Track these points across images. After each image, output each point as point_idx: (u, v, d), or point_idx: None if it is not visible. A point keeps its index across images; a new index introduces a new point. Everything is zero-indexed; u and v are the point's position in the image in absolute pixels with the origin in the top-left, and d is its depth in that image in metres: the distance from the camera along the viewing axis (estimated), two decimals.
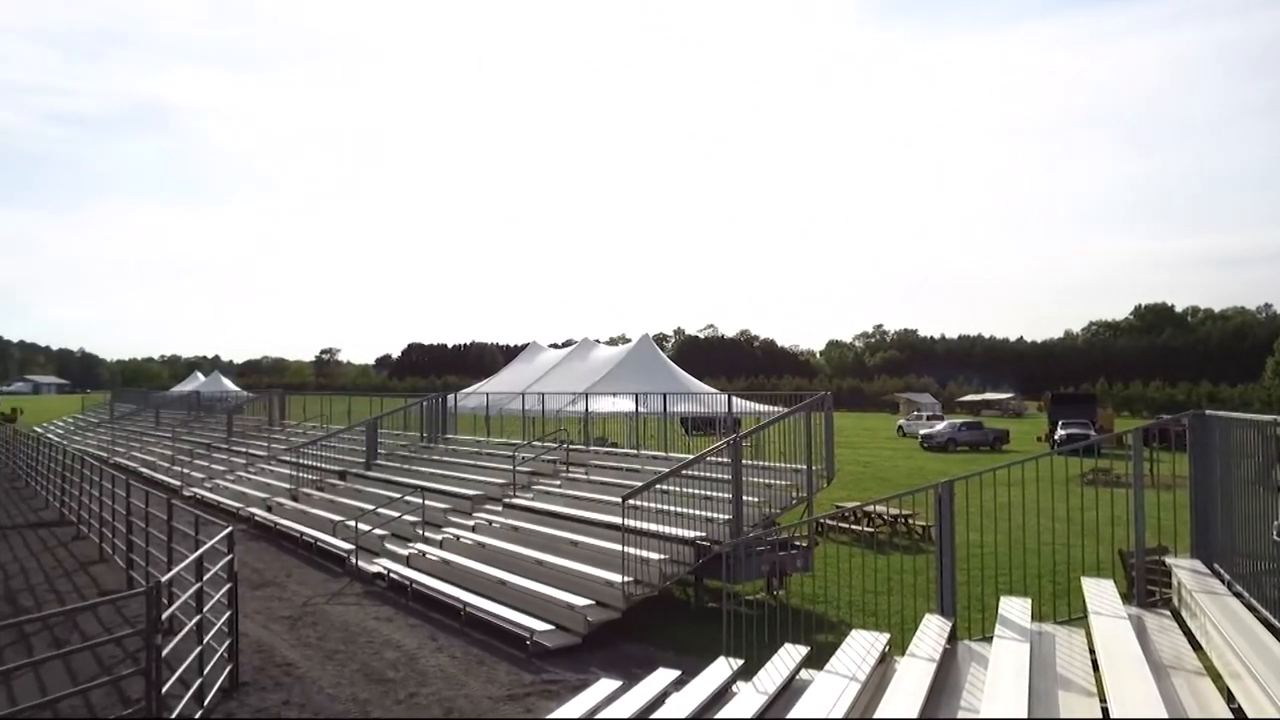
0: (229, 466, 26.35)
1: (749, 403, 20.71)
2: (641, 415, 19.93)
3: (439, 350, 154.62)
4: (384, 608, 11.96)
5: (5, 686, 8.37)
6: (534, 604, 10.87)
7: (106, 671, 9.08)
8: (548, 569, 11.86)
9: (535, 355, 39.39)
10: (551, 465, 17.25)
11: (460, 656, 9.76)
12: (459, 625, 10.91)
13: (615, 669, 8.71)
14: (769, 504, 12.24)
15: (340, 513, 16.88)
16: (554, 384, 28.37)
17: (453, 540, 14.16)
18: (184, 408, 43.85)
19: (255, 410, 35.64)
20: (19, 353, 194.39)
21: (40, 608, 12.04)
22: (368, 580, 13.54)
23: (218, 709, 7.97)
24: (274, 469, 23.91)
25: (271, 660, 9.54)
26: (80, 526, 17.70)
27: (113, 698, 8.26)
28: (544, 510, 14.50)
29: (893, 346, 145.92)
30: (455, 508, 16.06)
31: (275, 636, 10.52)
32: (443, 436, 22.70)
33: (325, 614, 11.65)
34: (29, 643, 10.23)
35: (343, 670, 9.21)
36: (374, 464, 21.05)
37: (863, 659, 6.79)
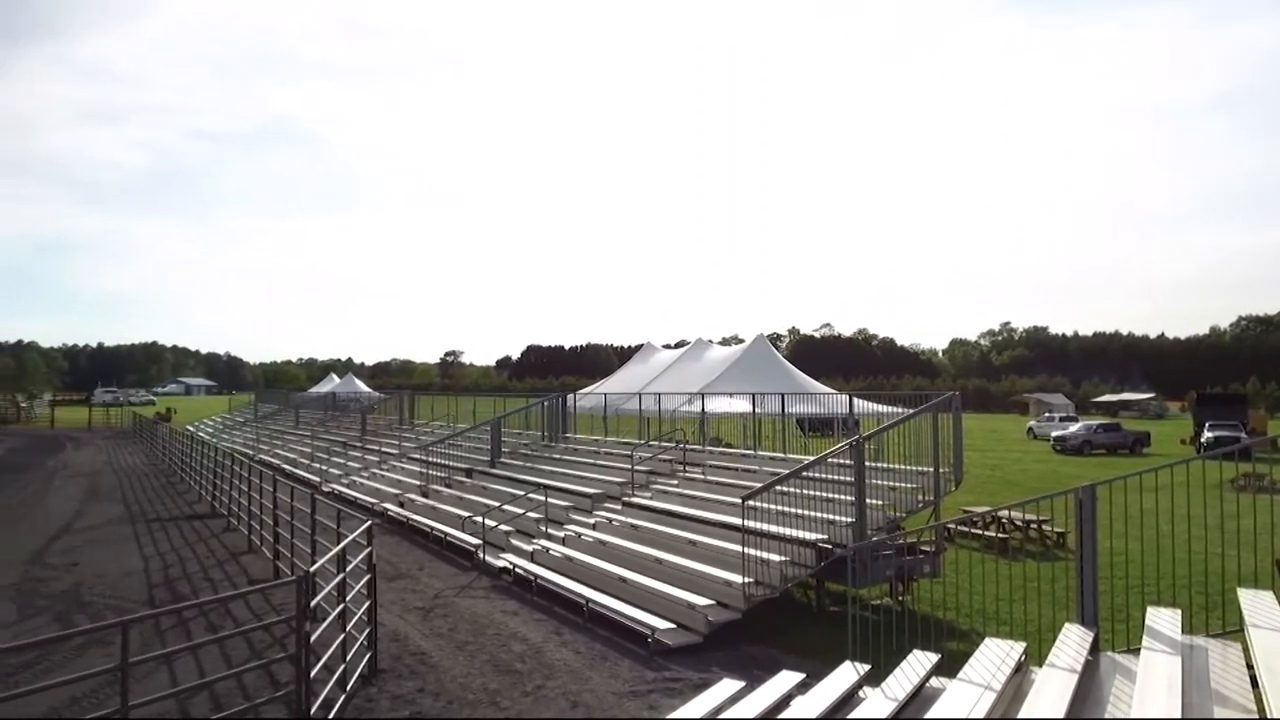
0: (363, 464, 27.66)
1: (869, 403, 20.28)
2: (757, 415, 19.80)
3: (556, 352, 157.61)
4: (510, 601, 12.32)
5: (168, 667, 9.04)
6: (654, 602, 10.97)
7: (257, 655, 9.71)
8: (667, 568, 11.95)
9: (650, 356, 39.67)
10: (669, 465, 17.36)
11: (584, 651, 9.94)
12: (582, 620, 11.12)
13: (737, 669, 8.70)
14: (893, 507, 11.96)
15: (468, 509, 17.47)
16: (669, 384, 28.51)
17: (574, 537, 14.45)
18: (321, 408, 46.22)
19: (386, 410, 37.26)
20: (172, 356, 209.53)
21: (196, 595, 12.96)
22: (494, 574, 13.98)
23: (358, 694, 8.39)
24: (405, 466, 24.94)
25: (407, 649, 9.98)
26: (230, 519, 18.95)
27: (263, 680, 8.79)
28: (662, 509, 14.60)
29: (1021, 344, 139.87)
30: (576, 505, 16.37)
31: (410, 626, 10.99)
32: (562, 436, 23.16)
33: (455, 606, 12.10)
34: (188, 627, 11.03)
35: (473, 661, 9.54)
36: (498, 462, 21.68)
37: (997, 668, 6.55)
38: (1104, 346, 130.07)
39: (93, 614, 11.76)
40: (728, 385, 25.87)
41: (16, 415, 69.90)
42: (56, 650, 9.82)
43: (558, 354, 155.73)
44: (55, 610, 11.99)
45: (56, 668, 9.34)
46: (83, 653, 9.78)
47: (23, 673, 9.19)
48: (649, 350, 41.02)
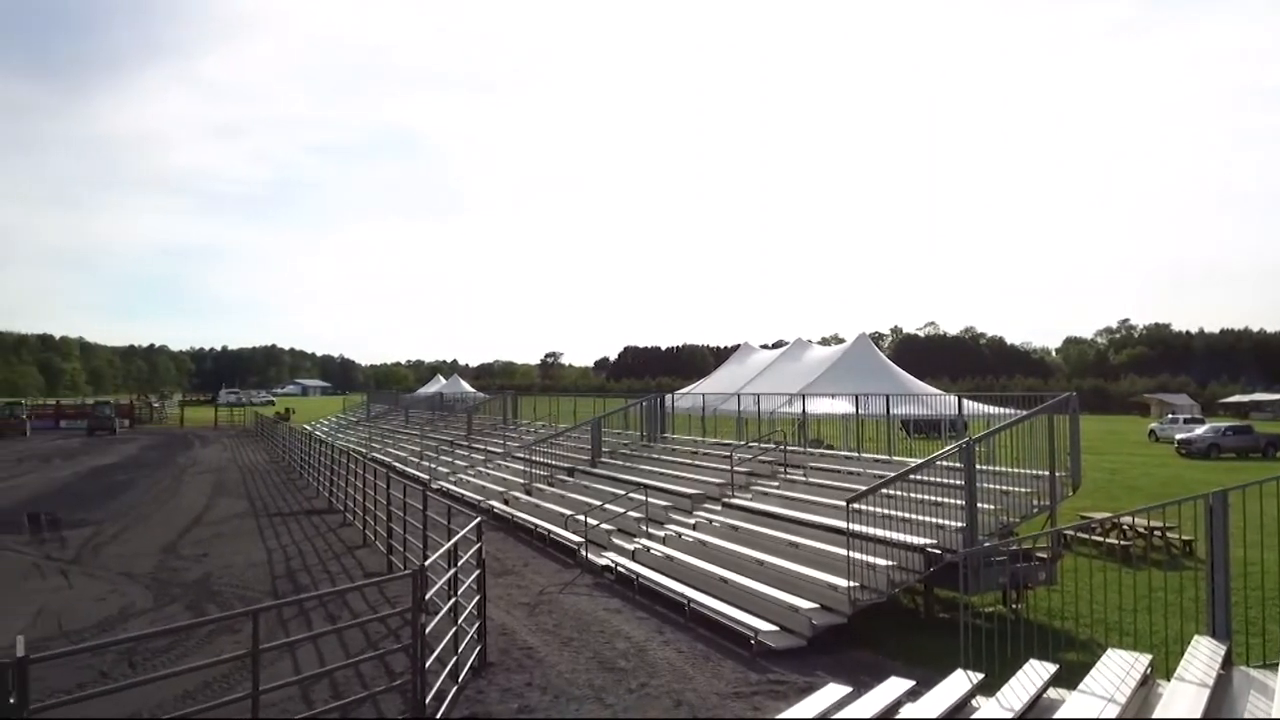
0: (469, 462, 28.43)
1: (978, 404, 19.63)
2: (860, 417, 19.42)
3: (653, 352, 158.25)
4: (613, 599, 12.45)
5: (291, 655, 9.48)
6: (756, 603, 10.91)
7: (373, 646, 10.09)
8: (769, 569, 11.86)
9: (748, 356, 39.37)
10: (769, 466, 17.22)
11: (686, 651, 9.97)
12: (683, 620, 11.16)
13: (842, 674, 8.58)
14: (1006, 512, 11.55)
15: (569, 507, 17.75)
16: (767, 385, 28.23)
17: (675, 537, 14.50)
18: (429, 408, 47.68)
19: (490, 410, 38.19)
20: (290, 359, 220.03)
21: (316, 586, 13.57)
22: (596, 572, 14.16)
23: (469, 686, 8.63)
24: (509, 465, 25.52)
25: (514, 643, 10.21)
26: (346, 514, 19.77)
27: (379, 670, 9.13)
28: (763, 511, 14.51)
29: (1141, 343, 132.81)
30: (676, 505, 16.43)
31: (516, 621, 11.25)
32: (661, 436, 23.27)
33: (560, 603, 12.32)
34: (308, 617, 11.53)
35: (578, 657, 9.70)
36: (598, 461, 21.94)
37: (1121, 680, 6.28)
38: (1232, 344, 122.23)
39: (221, 603, 12.44)
40: (828, 386, 25.45)
41: (150, 415, 74.51)
42: (190, 636, 10.44)
43: (654, 355, 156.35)
44: (188, 598, 12.74)
45: (190, 652, 9.93)
46: (213, 639, 10.37)
47: (160, 656, 9.81)
48: (746, 350, 40.72)
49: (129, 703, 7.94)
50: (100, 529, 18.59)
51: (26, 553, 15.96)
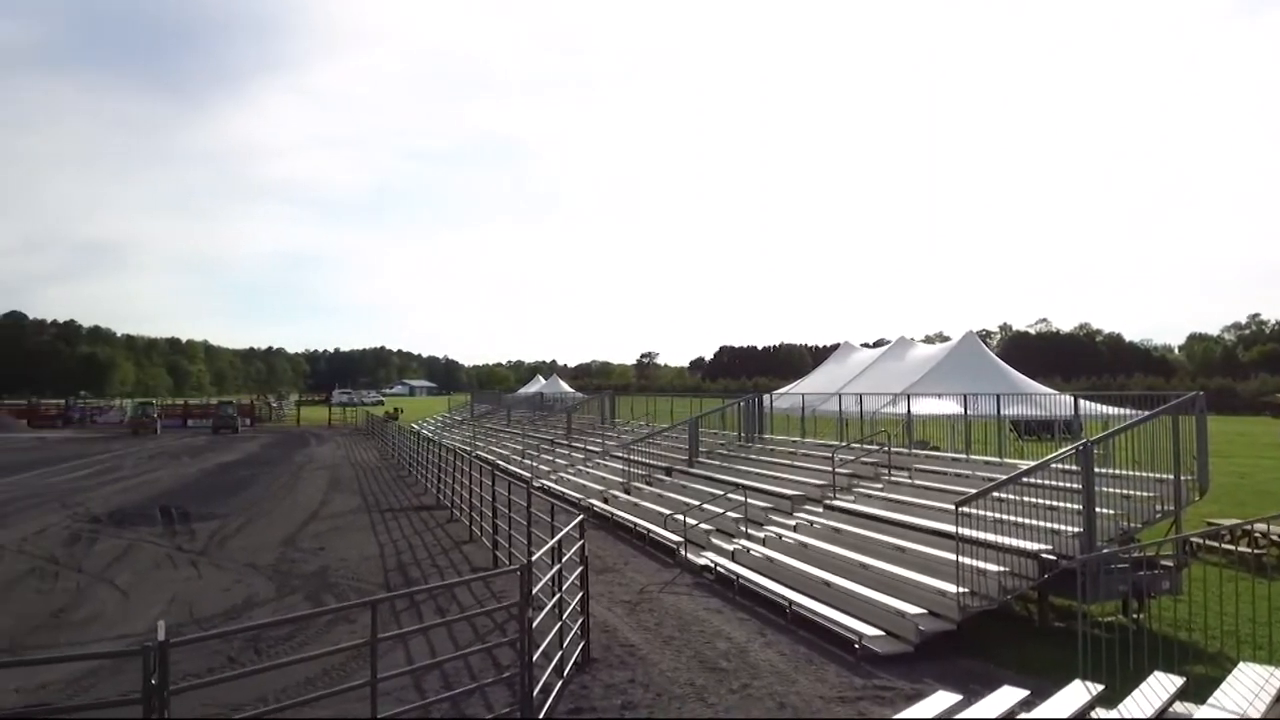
0: (569, 460, 28.87)
1: (1095, 404, 18.78)
2: (968, 418, 18.84)
3: (749, 352, 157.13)
4: (713, 599, 12.45)
5: (403, 646, 9.83)
6: (860, 608, 10.72)
7: (480, 639, 10.37)
8: (873, 573, 11.64)
9: (848, 355, 38.64)
10: (871, 468, 16.89)
11: (789, 653, 9.89)
12: (785, 622, 11.06)
13: (951, 682, 8.36)
14: (1127, 517, 11.03)
15: (668, 506, 17.82)
16: (869, 384, 27.63)
17: (775, 539, 14.38)
18: (530, 407, 48.61)
19: (588, 410, 38.68)
20: (398, 360, 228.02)
21: (425, 580, 14.02)
22: (696, 572, 14.17)
23: (573, 681, 8.78)
24: (607, 464, 25.80)
25: (616, 640, 10.33)
26: (453, 511, 20.36)
27: (486, 662, 9.38)
28: (866, 513, 14.24)
29: (1273, 339, 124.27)
30: (776, 506, 16.29)
31: (618, 619, 11.37)
32: (759, 436, 23.11)
33: (660, 601, 12.39)
34: (419, 610, 11.93)
35: (679, 656, 9.73)
36: (696, 461, 21.95)
37: (1255, 696, 5.93)
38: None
39: (338, 594, 13.00)
40: (934, 385, 24.75)
41: (269, 414, 78.35)
42: (310, 625, 10.94)
43: (750, 354, 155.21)
44: (307, 589, 13.35)
45: (310, 641, 10.41)
46: (331, 629, 10.84)
47: (283, 644, 10.33)
48: (847, 350, 39.98)
49: (255, 687, 8.40)
50: (225, 522, 19.67)
51: (160, 544, 17.01)
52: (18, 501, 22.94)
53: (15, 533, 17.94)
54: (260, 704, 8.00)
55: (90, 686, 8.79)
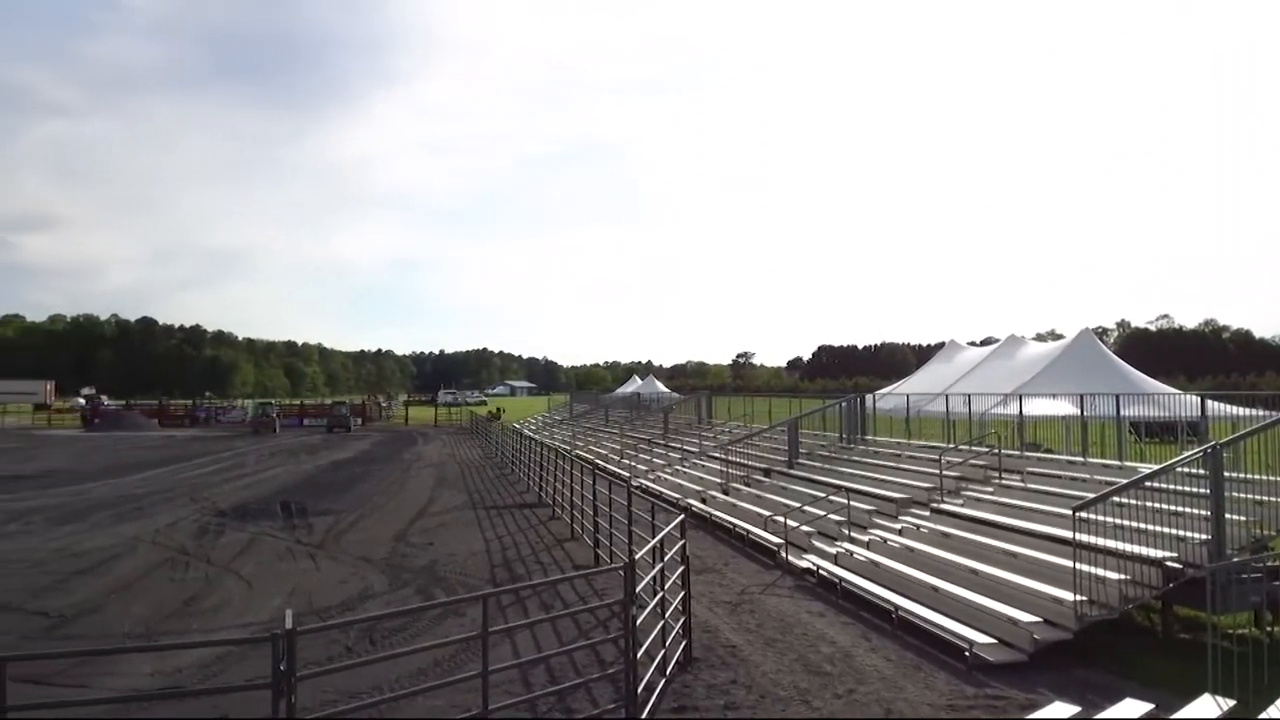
0: (667, 460, 28.97)
1: (1222, 405, 17.73)
2: (1084, 419, 18.04)
3: (848, 351, 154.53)
4: (815, 603, 12.30)
5: (510, 640, 10.07)
6: (970, 614, 10.41)
7: (584, 635, 10.52)
8: (983, 579, 11.29)
9: (954, 354, 37.58)
10: (981, 471, 16.37)
11: (895, 659, 9.69)
12: (890, 628, 10.84)
13: (1069, 693, 8.05)
14: (1260, 525, 10.38)
15: (768, 508, 17.69)
16: (977, 384, 26.79)
17: (879, 542, 14.10)
18: (627, 408, 49.00)
19: (685, 410, 38.72)
20: (499, 361, 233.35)
21: (529, 576, 14.32)
22: (797, 574, 14.03)
23: (676, 680, 8.82)
24: (705, 464, 25.77)
25: (717, 641, 10.32)
26: (555, 509, 20.71)
27: (590, 658, 9.52)
28: (976, 518, 13.81)
29: None
30: (880, 509, 15.97)
31: (718, 619, 11.36)
32: (861, 438, 22.68)
33: (761, 603, 12.31)
34: (524, 605, 12.17)
35: (782, 658, 9.66)
36: (796, 462, 21.71)
37: None
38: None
39: (447, 588, 13.39)
40: (1047, 385, 23.80)
41: (378, 414, 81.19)
42: (421, 618, 11.32)
43: (850, 354, 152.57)
44: (417, 583, 13.80)
45: (421, 633, 10.78)
46: (441, 621, 11.18)
47: (396, 635, 10.71)
48: (953, 348, 38.87)
49: (371, 676, 8.75)
50: (340, 517, 20.52)
51: (280, 537, 17.87)
52: (152, 496, 24.49)
53: (150, 525, 19.15)
54: (376, 692, 8.32)
55: (220, 671, 9.32)
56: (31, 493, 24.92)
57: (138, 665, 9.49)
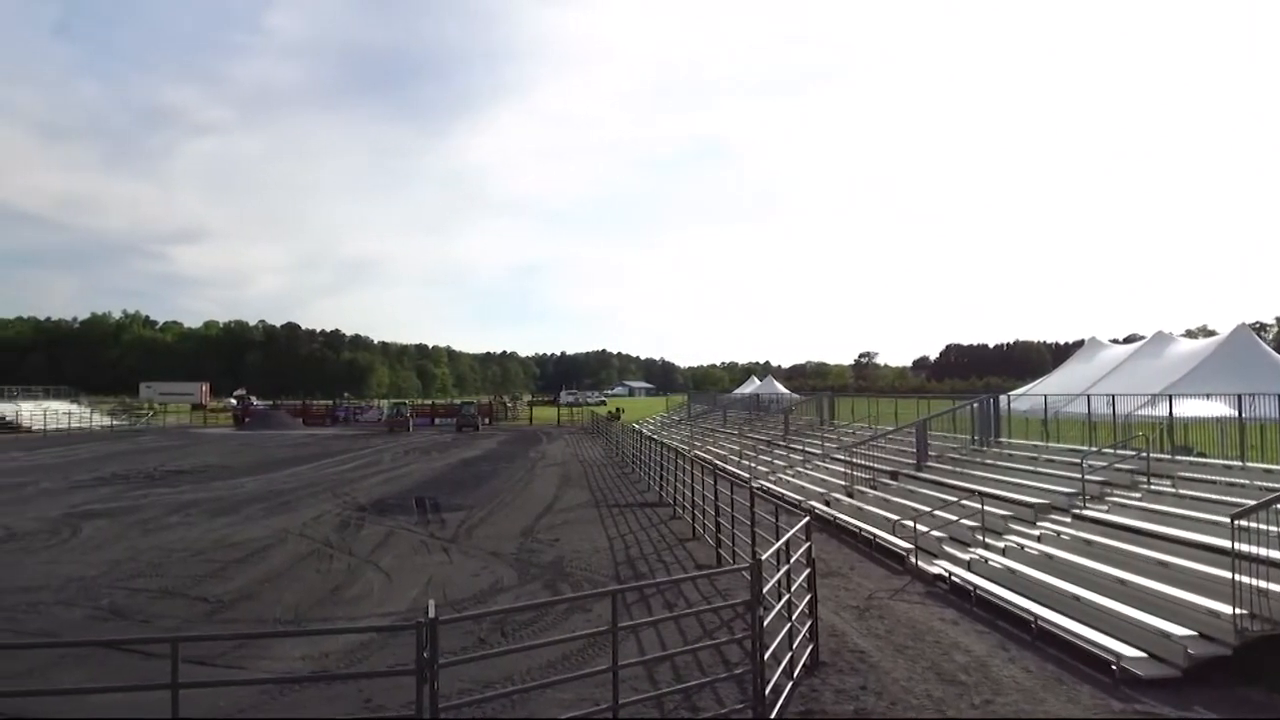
0: (788, 462, 28.65)
1: None
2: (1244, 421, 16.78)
3: (979, 350, 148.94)
4: (947, 610, 11.92)
5: (635, 636, 10.18)
6: (1116, 626, 9.86)
7: (708, 635, 10.55)
8: (1131, 590, 10.66)
9: (1095, 353, 35.81)
10: (1127, 475, 15.47)
11: (1035, 670, 9.29)
12: (1029, 638, 10.39)
13: (1226, 712, 7.58)
14: None
15: (894, 511, 17.25)
16: (1120, 384, 25.43)
17: (1016, 549, 13.52)
18: (745, 408, 48.73)
19: (806, 411, 38.18)
20: (618, 362, 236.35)
21: (652, 574, 14.45)
22: (928, 580, 13.63)
23: (803, 683, 8.73)
24: (828, 466, 25.35)
25: (844, 645, 10.15)
26: (676, 508, 20.82)
27: (714, 658, 9.53)
28: (1122, 525, 13.06)
29: None
30: (1016, 515, 15.31)
31: (845, 624, 11.17)
32: (994, 440, 21.80)
33: (890, 609, 12.03)
34: (648, 603, 12.28)
35: (914, 666, 9.41)
36: (924, 465, 21.08)
37: None
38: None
39: (573, 584, 13.67)
40: (1199, 384, 22.34)
41: (504, 413, 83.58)
42: (549, 612, 11.59)
43: (981, 353, 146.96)
44: (545, 578, 14.14)
45: (549, 627, 11.03)
46: (568, 616, 11.42)
47: (526, 628, 11.01)
48: (1094, 346, 37.04)
49: (504, 667, 9.04)
50: (471, 513, 21.23)
51: (415, 531, 18.65)
52: (299, 490, 26.00)
53: (298, 518, 20.34)
54: (508, 683, 8.61)
55: (364, 658, 9.82)
56: (190, 487, 26.88)
57: (289, 649, 10.09)
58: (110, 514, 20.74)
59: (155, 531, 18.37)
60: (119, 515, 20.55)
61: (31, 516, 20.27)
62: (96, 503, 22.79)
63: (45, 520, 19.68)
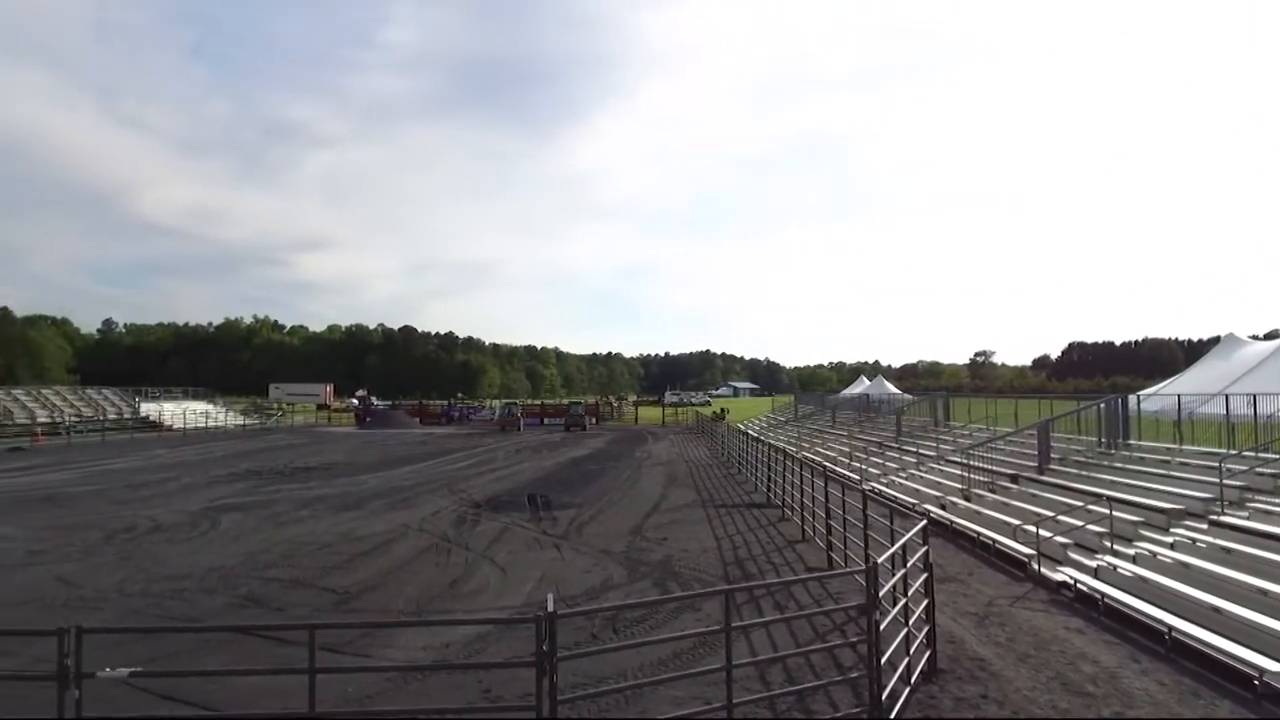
0: (900, 464, 27.97)
1: None
2: None
3: (1104, 348, 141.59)
4: (1073, 618, 11.44)
5: (746, 637, 10.17)
6: (1259, 639, 9.27)
7: (820, 638, 10.44)
8: (1274, 601, 10.00)
9: (1233, 349, 33.47)
10: (1271, 480, 14.48)
11: (1169, 684, 8.84)
12: (1163, 650, 9.88)
13: None
14: None
15: (1015, 516, 16.65)
16: (1263, 383, 23.70)
17: (1148, 556, 12.85)
18: (855, 409, 47.80)
19: (919, 412, 37.18)
20: (722, 362, 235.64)
21: (761, 575, 14.36)
22: (1051, 588, 13.10)
23: (920, 690, 8.55)
24: (942, 469, 24.64)
25: (963, 653, 9.88)
26: (784, 510, 20.64)
27: (827, 661, 9.43)
28: (1265, 532, 12.25)
29: None
30: (1147, 521, 14.54)
31: (964, 631, 10.86)
32: (1123, 442, 20.73)
33: (1011, 616, 11.63)
34: (758, 604, 12.25)
35: (1037, 675, 9.09)
36: (1046, 468, 20.24)
37: None
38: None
39: (682, 583, 13.74)
40: None
41: (610, 413, 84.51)
42: (660, 610, 11.69)
43: (1106, 350, 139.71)
44: (654, 576, 14.25)
45: (659, 625, 11.12)
46: (678, 615, 11.49)
47: (636, 626, 11.13)
48: (1231, 343, 34.63)
49: (616, 662, 9.20)
50: (581, 511, 21.60)
51: (528, 528, 19.10)
52: (418, 487, 27.00)
53: (417, 514, 21.13)
54: (620, 678, 8.75)
55: (481, 650, 10.15)
56: (317, 483, 28.26)
57: (411, 639, 10.52)
58: (245, 508, 22.04)
59: (286, 525, 19.42)
60: (253, 509, 21.82)
61: (175, 509, 21.73)
62: (233, 497, 24.25)
63: (187, 513, 21.06)
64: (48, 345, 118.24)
